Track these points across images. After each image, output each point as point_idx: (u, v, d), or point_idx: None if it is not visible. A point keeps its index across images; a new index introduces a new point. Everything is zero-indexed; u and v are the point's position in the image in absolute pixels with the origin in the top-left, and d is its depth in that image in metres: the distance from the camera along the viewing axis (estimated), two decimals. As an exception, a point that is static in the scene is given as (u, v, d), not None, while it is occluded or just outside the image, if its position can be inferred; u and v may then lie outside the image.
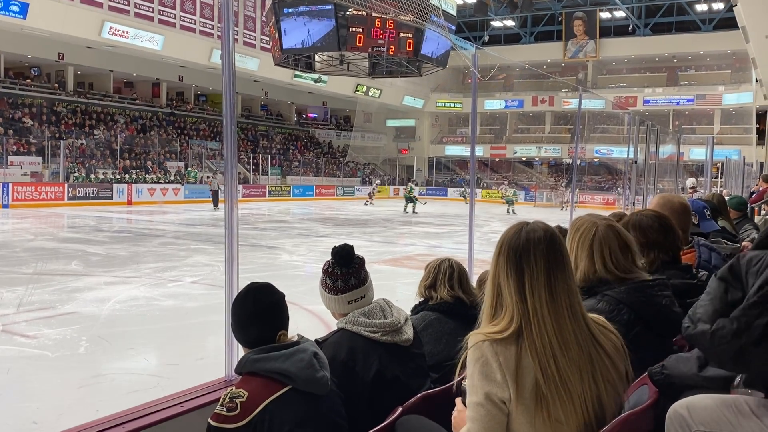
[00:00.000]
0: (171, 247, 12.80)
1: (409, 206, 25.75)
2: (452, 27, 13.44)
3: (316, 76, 28.95)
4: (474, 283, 2.85)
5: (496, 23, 42.92)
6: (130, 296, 7.76)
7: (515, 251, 1.48)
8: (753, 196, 10.63)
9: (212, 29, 28.96)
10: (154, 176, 28.19)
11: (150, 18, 26.93)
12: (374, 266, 9.87)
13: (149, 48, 27.25)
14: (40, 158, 25.12)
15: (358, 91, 38.00)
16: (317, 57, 14.14)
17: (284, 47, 12.83)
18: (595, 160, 39.23)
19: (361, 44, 12.22)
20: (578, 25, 40.66)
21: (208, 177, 28.86)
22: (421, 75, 15.44)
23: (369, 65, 14.58)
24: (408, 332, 2.13)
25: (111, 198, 24.97)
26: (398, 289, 8.18)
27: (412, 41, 12.57)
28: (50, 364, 5.21)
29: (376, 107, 41.72)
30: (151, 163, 29.13)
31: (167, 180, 28.41)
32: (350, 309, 2.12)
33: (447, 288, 2.61)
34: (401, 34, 12.36)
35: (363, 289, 2.15)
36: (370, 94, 38.89)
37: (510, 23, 43.06)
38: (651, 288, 2.02)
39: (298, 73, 28.89)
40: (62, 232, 15.93)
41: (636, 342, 1.93)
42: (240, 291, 1.91)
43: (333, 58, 14.27)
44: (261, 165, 34.24)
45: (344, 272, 2.14)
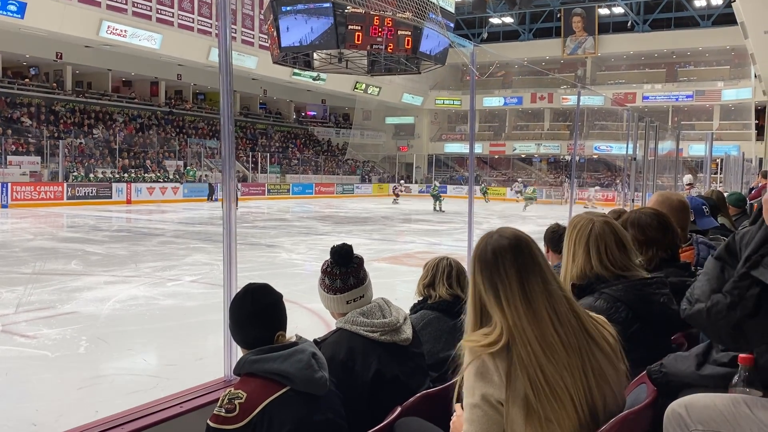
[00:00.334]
0: (170, 246, 12.79)
1: (437, 203, 26.20)
2: (451, 24, 13.42)
3: (315, 74, 28.91)
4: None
5: (495, 20, 42.89)
6: (130, 296, 7.77)
7: (487, 268, 1.47)
8: (752, 192, 10.61)
9: (210, 28, 28.90)
10: (153, 175, 28.16)
11: (148, 17, 26.88)
12: (374, 264, 9.88)
13: (147, 47, 27.22)
14: (39, 158, 25.10)
15: (357, 89, 37.93)
16: (316, 55, 14.12)
17: (282, 45, 12.81)
18: (595, 157, 39.23)
19: (360, 42, 12.21)
20: (577, 22, 40.61)
21: (206, 175, 28.86)
22: (420, 72, 15.40)
23: (368, 63, 14.56)
24: (407, 331, 2.13)
25: (110, 197, 24.97)
26: (398, 287, 8.18)
27: (411, 39, 12.55)
28: (50, 365, 5.21)
29: (375, 105, 41.69)
30: (150, 162, 29.11)
31: (166, 179, 28.39)
32: (349, 309, 2.12)
33: (446, 287, 2.61)
34: (400, 32, 12.34)
35: (362, 289, 2.15)
36: (369, 92, 38.83)
37: (508, 20, 43.01)
38: (649, 286, 2.02)
39: (297, 71, 28.89)
40: (61, 232, 15.92)
41: (634, 340, 1.93)
42: (238, 292, 1.90)
43: (331, 56, 14.26)
44: (260, 163, 34.22)
45: (343, 272, 2.14)
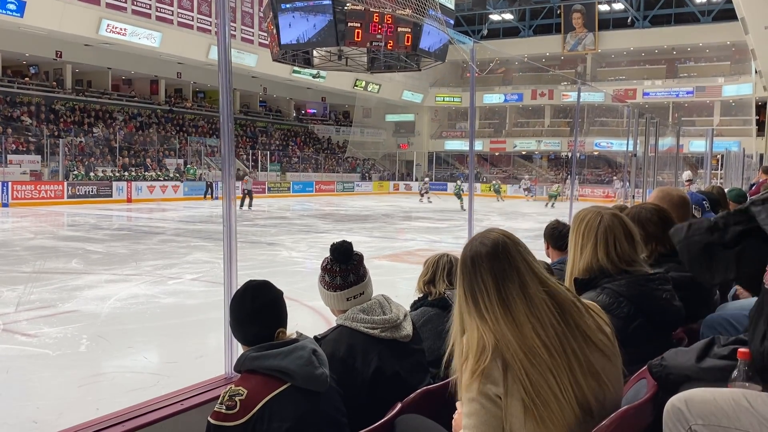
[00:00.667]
0: (171, 245, 12.80)
1: (462, 202, 26.27)
2: (450, 21, 13.40)
3: (315, 72, 28.86)
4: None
5: (495, 17, 42.82)
6: (131, 294, 7.77)
7: (467, 276, 1.47)
8: (753, 188, 10.60)
9: (210, 26, 28.88)
10: (154, 173, 28.15)
11: (147, 15, 26.86)
12: (374, 261, 9.88)
13: (147, 45, 27.20)
14: (39, 157, 25.10)
15: (357, 87, 37.87)
16: (315, 52, 14.13)
17: (282, 43, 12.83)
18: (595, 153, 39.19)
19: (360, 39, 12.21)
20: (577, 18, 40.53)
21: (204, 173, 28.84)
22: (420, 69, 15.43)
23: (367, 60, 14.57)
24: (407, 328, 2.13)
25: (110, 196, 24.95)
26: (398, 285, 8.18)
27: (411, 36, 12.55)
28: (51, 363, 5.22)
29: (375, 102, 41.64)
30: (150, 161, 29.10)
31: (166, 177, 28.39)
32: (349, 306, 2.12)
33: (446, 283, 2.61)
34: (399, 29, 12.34)
35: (362, 286, 2.15)
36: (369, 89, 38.78)
37: (508, 17, 42.94)
38: (651, 282, 2.03)
39: (297, 69, 28.83)
40: (62, 231, 15.92)
41: (636, 335, 1.94)
42: (238, 289, 1.91)
43: (331, 54, 14.26)
44: (260, 161, 34.21)
45: (343, 269, 2.14)
